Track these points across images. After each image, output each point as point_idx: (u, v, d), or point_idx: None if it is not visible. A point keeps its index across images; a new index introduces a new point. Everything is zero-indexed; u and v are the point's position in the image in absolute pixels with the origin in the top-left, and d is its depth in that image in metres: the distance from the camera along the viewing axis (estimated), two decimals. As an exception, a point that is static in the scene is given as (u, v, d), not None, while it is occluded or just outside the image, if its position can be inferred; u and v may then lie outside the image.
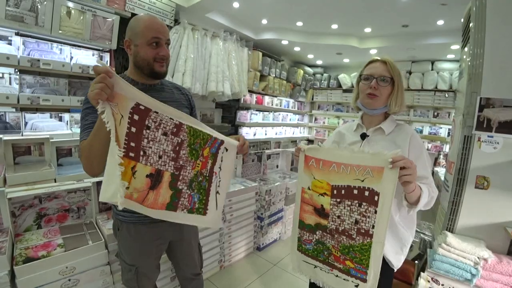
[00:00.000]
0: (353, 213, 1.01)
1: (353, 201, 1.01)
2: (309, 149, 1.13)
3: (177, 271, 1.47)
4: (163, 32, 1.13)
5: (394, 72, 1.15)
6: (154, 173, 0.99)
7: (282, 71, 5.10)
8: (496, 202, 1.59)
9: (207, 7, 3.22)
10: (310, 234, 1.15)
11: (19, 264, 1.28)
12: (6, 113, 2.14)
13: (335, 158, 1.04)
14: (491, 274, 1.43)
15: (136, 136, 0.93)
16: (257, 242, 2.85)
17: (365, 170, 0.96)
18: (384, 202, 0.94)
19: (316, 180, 1.09)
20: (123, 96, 0.88)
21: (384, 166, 0.91)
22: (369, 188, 0.96)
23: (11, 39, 2.17)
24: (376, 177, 0.94)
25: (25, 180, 1.72)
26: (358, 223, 1.00)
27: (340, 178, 1.02)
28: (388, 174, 0.91)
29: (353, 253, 1.03)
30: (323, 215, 1.09)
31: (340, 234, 1.05)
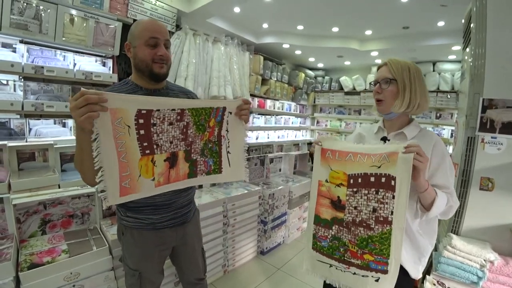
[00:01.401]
0: (370, 201, 0.99)
1: (370, 190, 0.99)
2: (326, 140, 1.13)
3: (181, 276, 1.46)
4: (161, 32, 1.11)
5: (396, 72, 1.10)
6: (170, 156, 1.09)
7: (284, 75, 5.11)
8: (501, 204, 1.58)
9: (208, 12, 3.25)
10: (325, 230, 1.12)
11: (24, 270, 1.28)
12: (11, 120, 2.16)
13: (351, 149, 1.05)
14: (497, 276, 1.42)
15: (146, 135, 1.00)
16: (260, 246, 2.84)
17: (381, 156, 0.97)
18: (401, 185, 0.93)
19: (333, 171, 1.08)
20: (124, 110, 0.92)
21: (399, 151, 0.93)
22: (385, 174, 0.96)
23: (15, 47, 2.20)
24: (392, 163, 0.94)
25: (29, 186, 1.73)
26: (376, 211, 0.98)
27: (357, 167, 1.02)
28: (403, 158, 0.92)
29: (372, 244, 1.00)
30: (339, 208, 1.08)
31: (357, 226, 1.02)
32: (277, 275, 2.51)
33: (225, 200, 2.33)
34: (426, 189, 0.96)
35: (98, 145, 0.88)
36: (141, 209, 1.16)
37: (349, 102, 5.88)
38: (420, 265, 1.11)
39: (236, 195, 2.45)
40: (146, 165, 1.02)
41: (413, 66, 1.11)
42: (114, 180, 0.94)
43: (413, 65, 1.12)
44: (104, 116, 0.87)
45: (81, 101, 0.80)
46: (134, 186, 0.99)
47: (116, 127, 0.91)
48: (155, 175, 1.05)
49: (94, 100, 0.81)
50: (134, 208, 1.17)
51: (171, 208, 1.23)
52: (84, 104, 0.80)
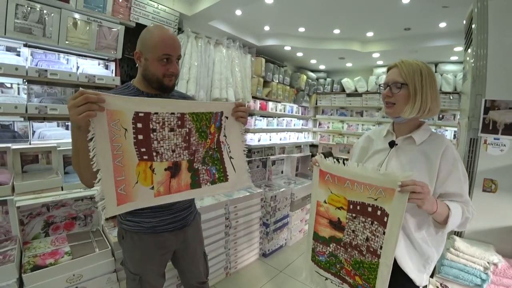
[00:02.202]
0: (365, 230, 1.00)
1: (366, 218, 1.00)
2: (323, 164, 1.12)
3: (183, 280, 1.46)
4: (175, 48, 1.12)
5: (407, 75, 1.05)
6: (172, 166, 1.05)
7: (285, 77, 5.12)
8: (505, 205, 1.57)
9: (210, 15, 3.27)
10: (323, 246, 1.16)
11: (27, 272, 1.29)
12: (15, 123, 2.18)
13: (349, 175, 1.03)
14: (501, 279, 1.41)
15: (145, 141, 0.97)
16: (263, 249, 2.83)
17: (377, 189, 0.94)
18: (392, 224, 0.90)
19: (334, 194, 1.10)
20: (120, 111, 0.91)
21: (395, 189, 0.88)
22: (381, 208, 0.94)
23: (19, 50, 2.23)
24: (388, 198, 0.91)
25: (33, 188, 1.74)
26: (368, 240, 0.99)
27: (355, 195, 1.02)
28: (398, 196, 0.88)
29: (362, 269, 1.02)
30: (339, 228, 1.10)
31: (353, 249, 1.05)
32: (279, 277, 2.50)
33: (227, 202, 2.33)
34: (434, 211, 0.92)
35: (94, 145, 0.87)
36: (140, 212, 1.16)
37: (351, 104, 5.88)
38: (425, 273, 1.08)
39: (238, 197, 2.45)
40: (145, 172, 0.99)
41: (425, 68, 1.07)
42: (109, 185, 0.91)
43: (425, 67, 1.07)
44: (101, 117, 0.86)
45: (80, 100, 0.80)
46: (130, 193, 0.96)
47: (112, 129, 0.90)
48: (155, 183, 1.01)
49: (92, 99, 0.82)
50: (133, 212, 1.17)
51: (171, 211, 1.23)
52: (83, 102, 0.81)
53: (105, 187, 0.91)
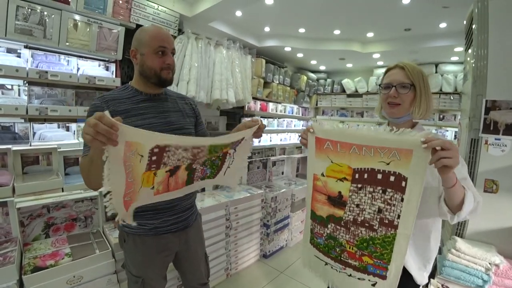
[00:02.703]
0: (375, 200, 0.90)
1: (375, 187, 0.89)
2: (321, 131, 1.00)
3: (184, 281, 1.46)
4: (169, 41, 1.16)
5: (414, 77, 1.07)
6: (172, 169, 1.04)
7: (286, 78, 5.12)
8: (506, 206, 1.57)
9: (210, 16, 3.27)
10: (321, 227, 1.05)
11: (28, 274, 1.29)
12: (15, 124, 2.18)
13: (354, 139, 0.92)
14: (503, 280, 1.40)
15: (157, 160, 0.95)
16: (263, 250, 2.83)
17: (391, 152, 0.84)
18: (412, 188, 0.82)
19: (335, 164, 0.98)
20: (140, 144, 0.87)
21: (413, 149, 0.80)
22: (395, 172, 0.84)
23: (20, 52, 2.23)
24: (404, 161, 0.82)
25: (33, 190, 1.74)
26: (381, 211, 0.89)
27: (363, 161, 0.91)
28: (418, 157, 0.79)
29: (373, 246, 0.91)
30: (339, 204, 0.98)
31: (359, 226, 0.94)
32: (280, 278, 2.50)
33: (227, 203, 2.33)
34: (454, 183, 0.82)
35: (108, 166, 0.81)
36: (142, 214, 1.16)
37: (351, 105, 5.87)
38: (425, 271, 1.08)
39: (239, 199, 2.44)
40: (148, 176, 0.99)
41: (423, 71, 1.11)
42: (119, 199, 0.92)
43: (423, 71, 1.12)
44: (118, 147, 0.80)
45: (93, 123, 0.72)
46: (134, 197, 0.97)
47: (127, 157, 0.86)
48: (155, 183, 1.02)
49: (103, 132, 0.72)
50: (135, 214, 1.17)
51: (173, 212, 1.23)
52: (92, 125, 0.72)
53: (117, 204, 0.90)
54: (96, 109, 1.08)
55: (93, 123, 0.71)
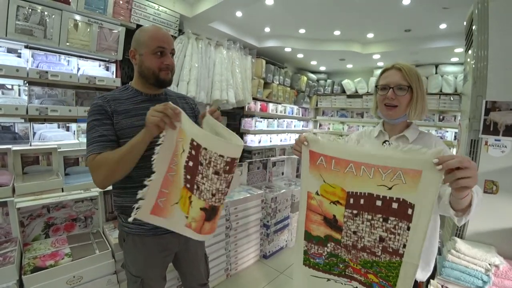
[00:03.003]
0: (375, 229, 0.79)
1: (374, 215, 0.79)
2: (315, 142, 0.88)
3: (183, 281, 1.46)
4: (168, 41, 1.15)
5: (411, 79, 1.07)
6: (208, 208, 0.98)
7: (286, 78, 5.13)
8: (506, 207, 1.56)
9: (211, 17, 3.27)
10: (319, 247, 0.93)
11: (28, 274, 1.29)
12: (15, 124, 2.19)
13: (353, 156, 0.80)
14: (503, 281, 1.40)
15: (192, 170, 0.96)
16: (263, 250, 2.83)
17: (395, 173, 0.73)
18: (421, 216, 0.71)
19: (327, 184, 0.86)
20: (184, 132, 0.96)
21: (422, 169, 0.69)
22: (398, 199, 0.73)
23: (20, 52, 2.24)
24: (410, 184, 0.71)
25: (33, 190, 1.74)
26: (383, 240, 0.78)
27: (360, 184, 0.79)
28: (428, 179, 0.68)
29: (377, 267, 0.81)
30: (335, 228, 0.87)
31: (359, 251, 0.84)
32: (279, 279, 2.50)
33: (227, 203, 2.33)
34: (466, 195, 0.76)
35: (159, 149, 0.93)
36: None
37: (351, 105, 5.88)
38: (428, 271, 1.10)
39: (239, 199, 2.44)
40: (185, 199, 0.99)
41: (418, 73, 1.11)
42: (154, 190, 0.96)
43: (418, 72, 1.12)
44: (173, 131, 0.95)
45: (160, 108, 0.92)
46: (166, 209, 0.99)
47: (178, 144, 0.96)
48: (189, 214, 0.99)
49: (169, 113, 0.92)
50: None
51: None
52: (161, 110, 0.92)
53: (150, 190, 0.95)
54: (98, 108, 1.09)
55: (161, 108, 0.92)
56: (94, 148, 1.04)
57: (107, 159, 1.01)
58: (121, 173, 1.04)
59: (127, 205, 1.16)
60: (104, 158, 1.01)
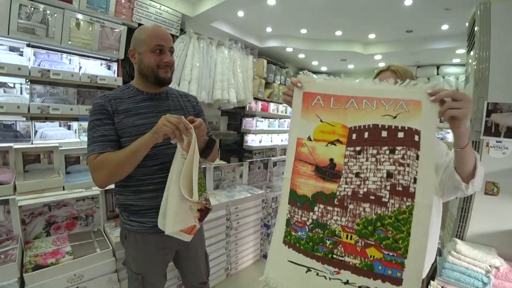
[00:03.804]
0: (382, 164, 0.72)
1: (380, 148, 0.72)
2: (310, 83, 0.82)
3: (184, 280, 1.46)
4: (166, 39, 1.15)
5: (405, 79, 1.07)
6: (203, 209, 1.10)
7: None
8: (507, 208, 1.56)
9: (212, 17, 3.27)
10: (304, 213, 0.80)
11: (29, 272, 1.29)
12: (17, 122, 2.19)
13: (353, 91, 0.78)
14: (503, 282, 1.40)
15: None
16: (263, 250, 2.83)
17: (397, 103, 0.72)
18: (428, 143, 0.69)
19: (325, 123, 0.80)
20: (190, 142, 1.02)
21: (421, 100, 0.70)
22: (403, 127, 0.71)
23: (22, 50, 2.24)
24: (413, 112, 0.70)
25: (34, 188, 1.75)
26: (392, 176, 0.70)
27: (363, 117, 0.75)
28: (428, 108, 0.69)
29: (382, 230, 0.69)
30: (330, 176, 0.78)
31: (360, 202, 0.73)
32: (280, 279, 2.50)
33: (228, 203, 2.33)
34: (467, 143, 0.74)
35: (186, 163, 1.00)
36: (144, 212, 1.17)
37: (352, 106, 5.87)
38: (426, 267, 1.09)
39: (239, 199, 2.44)
40: None
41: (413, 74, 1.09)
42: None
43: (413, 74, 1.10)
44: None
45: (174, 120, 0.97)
46: None
47: None
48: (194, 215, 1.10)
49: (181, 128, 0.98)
50: (137, 212, 1.17)
51: None
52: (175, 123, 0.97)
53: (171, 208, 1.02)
54: (99, 107, 1.09)
55: (175, 121, 0.97)
56: (95, 148, 1.04)
57: (108, 160, 1.02)
58: (121, 174, 1.05)
59: (129, 203, 1.16)
60: (105, 158, 1.02)
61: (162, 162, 1.14)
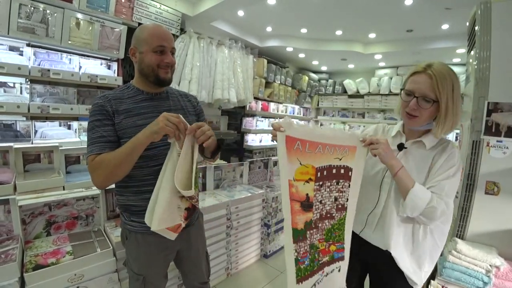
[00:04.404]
0: (332, 192, 1.04)
1: (331, 181, 1.03)
2: (289, 126, 0.92)
3: (185, 280, 1.46)
4: (168, 39, 1.14)
5: (441, 91, 0.95)
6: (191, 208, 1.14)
7: (287, 78, 5.12)
8: (507, 208, 1.56)
9: (213, 16, 3.27)
10: (303, 243, 0.97)
11: (29, 271, 1.29)
12: (17, 122, 2.19)
13: (320, 138, 0.98)
14: (503, 282, 1.40)
15: None
16: (264, 250, 2.83)
17: (343, 149, 1.03)
18: (356, 175, 1.06)
19: (303, 165, 0.95)
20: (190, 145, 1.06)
21: (357, 145, 1.04)
22: (344, 165, 1.04)
23: (22, 50, 2.24)
24: (351, 155, 1.04)
25: (34, 188, 1.75)
26: (337, 200, 1.05)
27: (324, 159, 1.00)
28: (360, 151, 1.05)
29: (334, 233, 1.05)
30: (307, 207, 0.97)
31: (323, 220, 1.04)
32: (280, 278, 2.50)
33: (228, 203, 2.33)
34: (396, 172, 0.99)
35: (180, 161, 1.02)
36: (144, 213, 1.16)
37: (352, 105, 5.87)
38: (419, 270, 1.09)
39: (240, 198, 2.44)
40: None
41: (455, 80, 0.98)
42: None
43: (455, 78, 0.98)
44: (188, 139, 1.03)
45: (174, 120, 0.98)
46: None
47: None
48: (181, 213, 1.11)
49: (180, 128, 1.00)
50: (138, 212, 1.17)
51: None
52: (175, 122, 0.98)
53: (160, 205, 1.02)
54: (99, 108, 1.08)
55: (175, 121, 0.98)
56: (93, 149, 1.04)
57: (106, 160, 1.01)
58: (119, 174, 1.05)
59: (130, 204, 1.16)
60: (103, 159, 1.02)
61: (163, 163, 1.14)
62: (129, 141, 1.01)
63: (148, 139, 0.99)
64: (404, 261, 1.06)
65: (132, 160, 1.03)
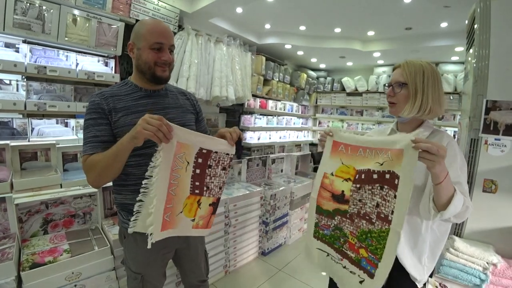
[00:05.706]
0: (374, 196, 0.96)
1: (374, 185, 0.96)
2: (338, 135, 1.13)
3: (183, 278, 1.46)
4: (167, 36, 1.11)
5: (408, 76, 1.07)
6: (216, 202, 1.17)
7: (286, 75, 5.11)
8: (505, 206, 1.57)
9: (211, 13, 3.25)
10: (328, 219, 1.13)
11: (26, 270, 1.29)
12: (13, 119, 2.17)
13: (363, 143, 1.04)
14: (500, 279, 1.41)
15: (200, 175, 1.08)
16: (262, 247, 2.83)
17: (386, 153, 0.93)
18: (403, 186, 0.87)
19: (344, 165, 1.08)
20: (189, 146, 1.01)
21: (404, 149, 0.88)
22: (389, 171, 0.92)
23: (18, 47, 2.22)
24: (396, 161, 0.90)
25: (31, 185, 1.73)
26: (378, 206, 0.95)
27: (365, 162, 1.01)
28: (407, 156, 0.87)
29: (370, 239, 0.97)
30: (342, 201, 1.07)
31: (361, 218, 1.01)
32: (278, 276, 2.51)
33: (226, 200, 2.33)
34: (441, 181, 0.87)
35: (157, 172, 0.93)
36: None
37: (351, 103, 5.87)
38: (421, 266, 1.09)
39: (238, 196, 2.44)
40: (191, 205, 1.09)
41: (428, 69, 1.07)
42: (159, 211, 0.98)
43: (429, 67, 1.08)
44: (170, 147, 0.94)
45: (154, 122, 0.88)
46: (173, 221, 1.04)
47: (177, 160, 0.99)
48: (197, 216, 1.12)
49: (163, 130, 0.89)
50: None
51: None
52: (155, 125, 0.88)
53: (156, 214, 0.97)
54: (95, 106, 1.07)
55: (156, 123, 0.88)
56: (86, 149, 1.04)
57: (95, 161, 1.01)
58: (110, 175, 1.04)
59: (128, 202, 1.15)
60: (93, 161, 1.02)
61: None
62: (115, 145, 0.98)
63: (130, 144, 0.94)
64: (406, 257, 1.06)
65: (120, 163, 1.00)
